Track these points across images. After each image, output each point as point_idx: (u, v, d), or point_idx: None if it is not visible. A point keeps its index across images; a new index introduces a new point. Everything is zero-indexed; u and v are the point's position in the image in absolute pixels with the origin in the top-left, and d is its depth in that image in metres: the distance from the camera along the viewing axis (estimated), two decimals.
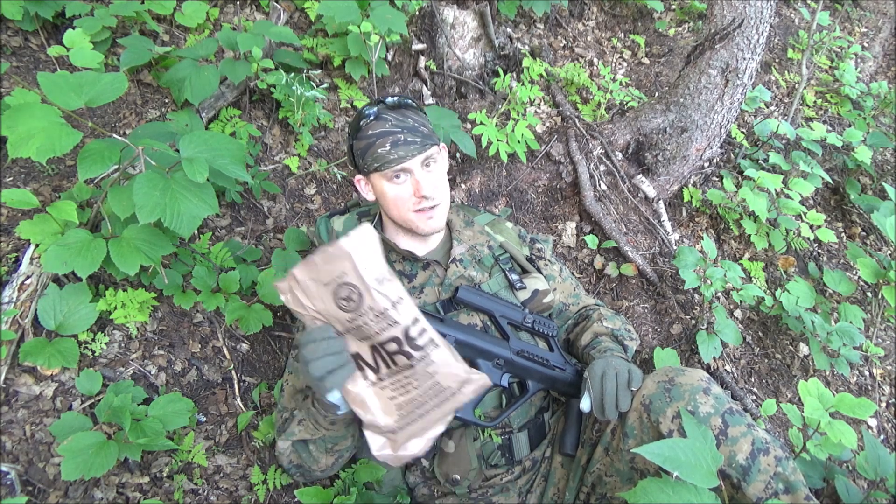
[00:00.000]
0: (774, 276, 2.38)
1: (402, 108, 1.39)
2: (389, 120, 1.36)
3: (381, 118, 1.36)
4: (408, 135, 1.36)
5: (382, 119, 1.36)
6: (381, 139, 1.35)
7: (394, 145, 1.34)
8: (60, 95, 1.35)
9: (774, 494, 1.08)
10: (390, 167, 1.35)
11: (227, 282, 1.63)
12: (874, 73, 3.35)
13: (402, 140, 1.35)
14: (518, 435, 1.43)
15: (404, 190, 1.38)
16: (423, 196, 1.37)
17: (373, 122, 1.36)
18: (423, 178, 1.37)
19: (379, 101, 1.39)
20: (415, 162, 1.36)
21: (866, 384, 2.25)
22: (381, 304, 1.06)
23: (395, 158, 1.34)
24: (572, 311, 1.63)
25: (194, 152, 1.39)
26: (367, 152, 1.36)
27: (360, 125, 1.37)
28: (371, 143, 1.35)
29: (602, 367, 1.30)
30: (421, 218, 1.40)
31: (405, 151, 1.35)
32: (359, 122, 1.38)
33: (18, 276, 1.44)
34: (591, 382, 1.28)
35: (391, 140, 1.34)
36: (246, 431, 1.57)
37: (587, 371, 1.31)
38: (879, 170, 2.75)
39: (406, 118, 1.38)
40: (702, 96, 2.13)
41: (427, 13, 2.37)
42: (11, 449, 1.30)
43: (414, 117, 1.39)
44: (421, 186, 1.37)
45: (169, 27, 2.14)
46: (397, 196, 1.39)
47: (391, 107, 1.38)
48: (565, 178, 2.27)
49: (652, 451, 0.98)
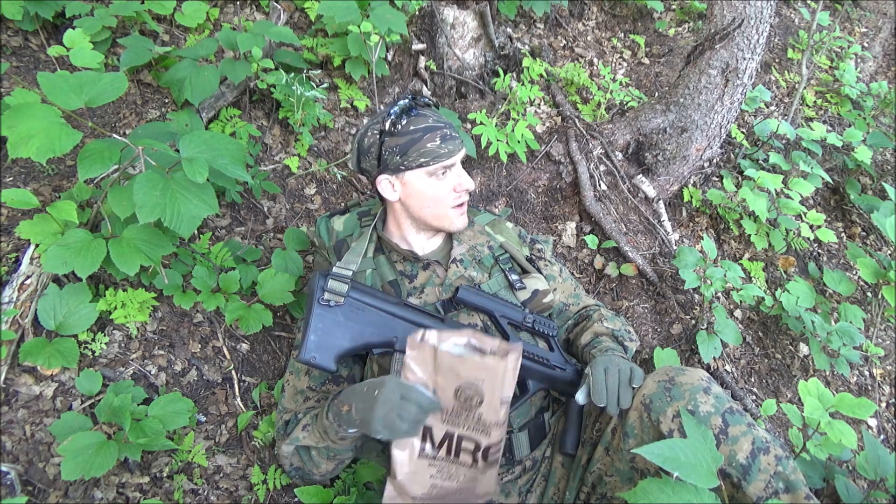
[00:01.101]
0: (774, 276, 2.38)
1: (430, 107, 1.40)
2: (430, 116, 1.36)
3: (422, 115, 1.36)
4: (451, 130, 1.36)
5: (423, 116, 1.35)
6: (430, 133, 1.34)
7: (444, 139, 1.34)
8: (60, 95, 1.35)
9: (775, 494, 1.08)
10: (440, 161, 1.35)
11: (227, 282, 1.62)
12: (874, 73, 3.35)
13: (450, 135, 1.35)
14: (518, 435, 1.43)
15: (445, 186, 1.39)
16: (466, 190, 1.39)
17: (414, 118, 1.35)
18: (463, 171, 1.39)
19: (412, 98, 1.38)
20: (458, 157, 1.38)
21: (866, 384, 2.25)
22: (489, 419, 1.16)
23: (447, 153, 1.35)
24: (573, 311, 1.63)
25: (194, 152, 1.39)
26: (411, 148, 1.34)
27: (398, 122, 1.34)
28: (416, 138, 1.34)
29: (604, 363, 1.29)
30: (457, 213, 1.42)
31: (454, 146, 1.35)
32: (396, 120, 1.34)
33: (18, 276, 1.44)
34: (592, 376, 1.27)
35: (440, 134, 1.34)
36: (246, 431, 1.57)
37: (589, 366, 1.31)
38: (879, 170, 2.75)
39: (438, 115, 1.39)
40: (702, 96, 2.13)
41: (427, 13, 2.37)
42: (11, 449, 1.30)
43: (441, 115, 1.40)
44: (465, 180, 1.39)
45: (169, 27, 2.14)
46: (438, 192, 1.39)
47: (425, 105, 1.39)
48: (565, 178, 2.27)
49: (652, 452, 0.98)
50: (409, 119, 1.34)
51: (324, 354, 1.24)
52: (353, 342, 1.27)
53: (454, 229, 1.45)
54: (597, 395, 1.25)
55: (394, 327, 1.30)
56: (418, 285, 1.45)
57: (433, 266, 1.48)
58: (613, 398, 1.24)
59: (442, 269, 1.48)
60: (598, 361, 1.31)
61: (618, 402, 1.24)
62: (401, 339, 1.30)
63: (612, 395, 1.24)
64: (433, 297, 1.44)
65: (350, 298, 1.28)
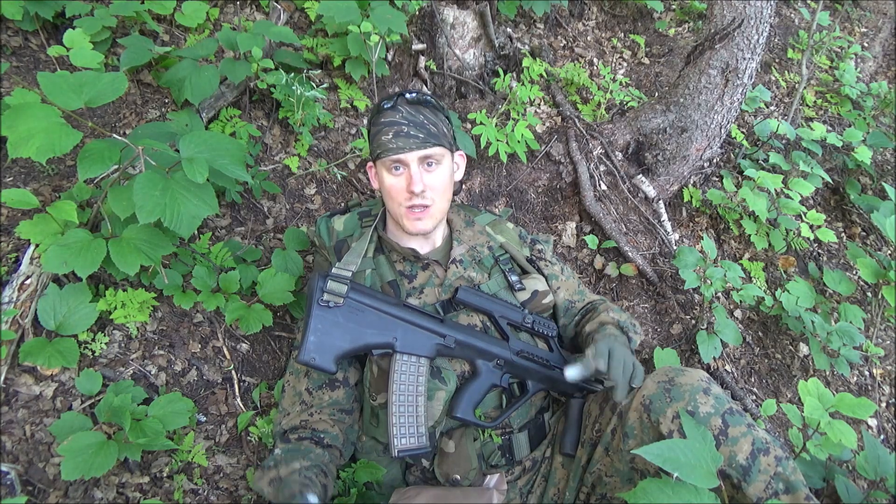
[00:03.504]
0: (774, 276, 2.38)
1: (419, 105, 1.40)
2: (401, 112, 1.38)
3: (396, 109, 1.38)
4: (412, 129, 1.37)
5: (396, 110, 1.38)
6: (388, 128, 1.37)
7: (396, 135, 1.36)
8: (60, 95, 1.35)
9: (775, 494, 1.08)
10: (388, 156, 1.38)
11: (227, 282, 1.62)
12: (874, 73, 3.35)
13: (405, 132, 1.36)
14: (518, 435, 1.43)
15: (399, 182, 1.40)
16: (411, 192, 1.38)
17: (387, 111, 1.39)
18: (418, 174, 1.38)
19: (400, 94, 1.41)
20: (412, 156, 1.37)
21: (866, 384, 2.25)
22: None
23: (393, 148, 1.37)
24: (578, 307, 1.62)
25: (194, 152, 1.39)
26: (374, 138, 1.41)
27: (376, 113, 1.41)
28: (379, 130, 1.39)
29: (608, 343, 1.26)
30: (409, 216, 1.41)
31: (404, 143, 1.36)
32: (375, 110, 1.42)
33: (18, 276, 1.44)
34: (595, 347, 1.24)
35: (394, 130, 1.37)
36: (246, 431, 1.57)
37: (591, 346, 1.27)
38: (879, 170, 2.75)
39: (419, 114, 1.39)
40: (702, 96, 2.13)
41: (427, 13, 2.37)
42: (11, 449, 1.30)
43: (428, 115, 1.40)
44: (412, 182, 1.37)
45: (169, 27, 2.14)
46: (392, 187, 1.41)
47: (410, 101, 1.40)
48: (565, 178, 2.27)
49: (652, 452, 0.98)
50: (383, 111, 1.40)
51: (323, 355, 1.24)
52: (353, 343, 1.27)
53: (407, 232, 1.44)
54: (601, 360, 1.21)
55: (393, 328, 1.30)
56: (417, 286, 1.45)
57: (433, 266, 1.48)
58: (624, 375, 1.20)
59: (441, 269, 1.48)
60: (602, 343, 1.26)
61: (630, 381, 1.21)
62: (400, 340, 1.30)
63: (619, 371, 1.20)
64: (432, 298, 1.44)
65: (349, 299, 1.28)
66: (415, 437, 1.26)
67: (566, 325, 1.59)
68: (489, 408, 1.40)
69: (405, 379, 1.28)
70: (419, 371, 1.29)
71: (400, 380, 1.27)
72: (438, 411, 1.31)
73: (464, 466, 1.37)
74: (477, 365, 1.37)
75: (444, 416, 1.34)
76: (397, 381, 1.27)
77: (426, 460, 1.42)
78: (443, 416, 1.33)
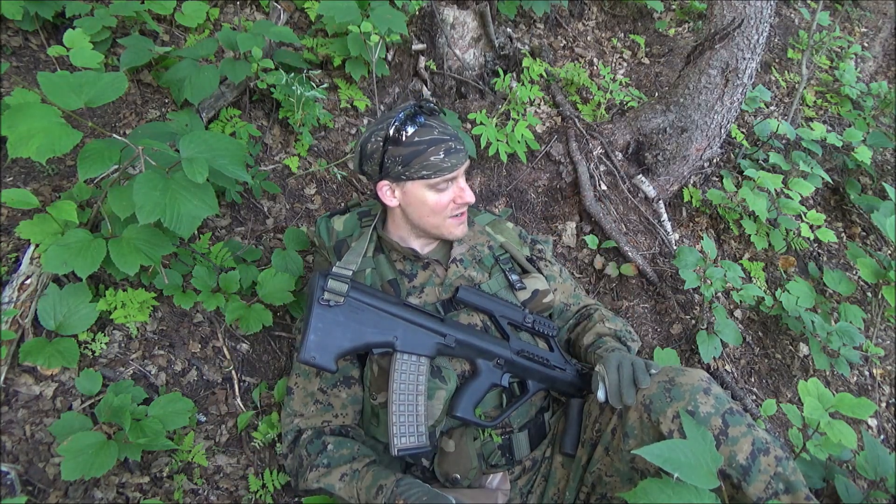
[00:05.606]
0: (774, 276, 2.38)
1: (436, 115, 1.39)
2: (436, 127, 1.34)
3: (428, 126, 1.34)
4: (456, 142, 1.35)
5: (428, 126, 1.33)
6: (434, 147, 1.32)
7: (447, 153, 1.33)
8: (60, 95, 1.35)
9: (775, 494, 1.08)
10: (442, 175, 1.34)
11: (227, 282, 1.62)
12: (874, 73, 3.35)
13: (454, 148, 1.34)
14: (518, 435, 1.43)
15: (445, 197, 1.38)
16: (465, 202, 1.39)
17: (419, 129, 1.33)
18: (466, 185, 1.39)
19: (418, 107, 1.35)
20: (461, 169, 1.37)
21: (866, 384, 2.25)
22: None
23: (449, 167, 1.34)
24: (573, 310, 1.63)
25: (194, 152, 1.38)
26: (414, 160, 1.33)
27: (402, 130, 1.32)
28: (420, 150, 1.32)
29: (616, 360, 1.29)
30: (455, 223, 1.42)
31: (457, 160, 1.34)
32: (400, 127, 1.32)
33: (18, 276, 1.44)
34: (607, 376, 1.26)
35: (444, 148, 1.33)
36: (246, 431, 1.57)
37: (601, 364, 1.30)
38: (879, 170, 2.75)
39: (445, 125, 1.37)
40: (702, 96, 2.13)
41: (427, 13, 2.37)
42: (11, 449, 1.30)
43: (447, 123, 1.39)
44: (464, 194, 1.38)
45: (169, 27, 2.14)
46: (438, 203, 1.38)
47: (430, 112, 1.37)
48: (565, 178, 2.27)
49: (652, 452, 0.98)
50: (414, 128, 1.32)
51: (324, 354, 1.24)
52: (353, 342, 1.27)
53: (453, 238, 1.45)
54: (613, 397, 1.24)
55: (394, 327, 1.30)
56: (418, 285, 1.45)
57: (433, 265, 1.48)
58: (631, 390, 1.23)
59: (442, 268, 1.48)
60: (610, 359, 1.29)
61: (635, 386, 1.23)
62: (401, 339, 1.30)
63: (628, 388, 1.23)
64: (433, 297, 1.44)
65: (350, 298, 1.28)
66: (415, 436, 1.26)
67: (560, 327, 1.60)
68: (489, 407, 1.40)
69: (405, 378, 1.28)
70: (419, 370, 1.29)
71: (400, 379, 1.27)
72: (438, 410, 1.31)
73: (464, 466, 1.37)
74: (477, 364, 1.37)
75: (444, 416, 1.34)
76: (397, 380, 1.27)
77: (426, 459, 1.42)
78: (443, 416, 1.33)
